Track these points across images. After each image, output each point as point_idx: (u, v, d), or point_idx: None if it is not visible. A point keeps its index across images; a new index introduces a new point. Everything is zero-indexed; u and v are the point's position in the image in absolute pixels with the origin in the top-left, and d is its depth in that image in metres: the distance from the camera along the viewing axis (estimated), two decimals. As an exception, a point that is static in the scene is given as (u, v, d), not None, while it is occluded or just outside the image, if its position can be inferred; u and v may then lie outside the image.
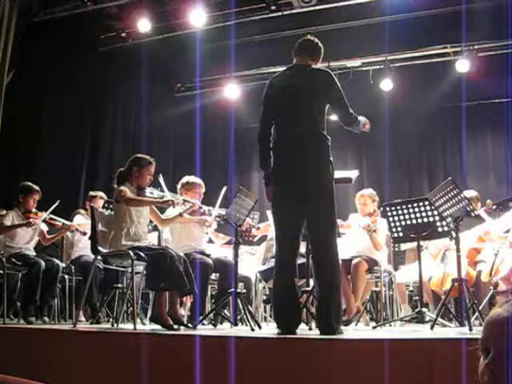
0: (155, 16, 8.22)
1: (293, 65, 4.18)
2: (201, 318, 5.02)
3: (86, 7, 8.10)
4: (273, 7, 8.06)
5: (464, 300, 4.54)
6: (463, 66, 8.42)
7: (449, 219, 4.62)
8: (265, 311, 6.98)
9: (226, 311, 5.53)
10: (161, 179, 4.97)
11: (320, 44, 4.22)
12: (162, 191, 4.92)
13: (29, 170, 8.16)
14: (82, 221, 6.46)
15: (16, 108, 7.63)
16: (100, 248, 4.75)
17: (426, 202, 4.81)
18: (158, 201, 4.84)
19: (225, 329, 5.31)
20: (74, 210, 7.04)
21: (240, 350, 3.11)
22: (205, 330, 4.88)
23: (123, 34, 9.02)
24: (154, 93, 9.24)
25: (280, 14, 8.05)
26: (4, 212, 6.12)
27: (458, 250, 4.55)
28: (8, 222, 5.72)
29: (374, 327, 5.16)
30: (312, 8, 7.74)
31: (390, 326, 5.59)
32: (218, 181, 7.32)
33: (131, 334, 3.96)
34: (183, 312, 5.66)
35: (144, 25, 8.12)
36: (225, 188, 5.51)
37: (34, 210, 5.85)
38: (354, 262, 5.69)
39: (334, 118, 4.39)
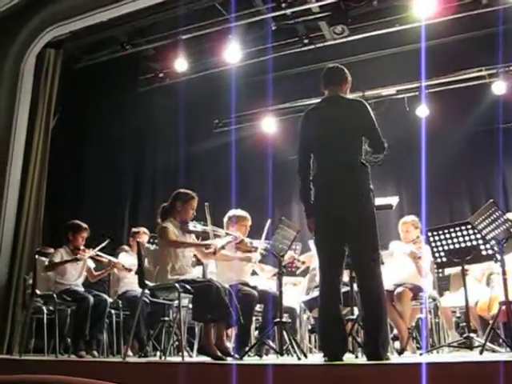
0: (191, 55, 8.42)
1: (325, 97, 4.27)
2: (247, 348, 5.04)
3: (124, 51, 8.39)
4: (305, 40, 8.21)
5: (513, 323, 4.47)
6: (500, 87, 8.39)
7: (492, 242, 4.59)
8: (310, 342, 6.97)
9: (271, 342, 5.53)
10: (207, 210, 5.06)
11: (344, 69, 4.29)
12: (205, 225, 5.01)
13: (73, 208, 8.39)
14: (126, 258, 6.59)
15: (60, 148, 7.88)
16: (147, 282, 4.85)
17: (469, 226, 4.79)
18: (199, 243, 4.96)
19: (271, 359, 5.32)
20: (118, 246, 7.19)
21: (288, 378, 3.14)
22: (251, 360, 4.91)
23: (161, 74, 9.29)
24: (192, 129, 9.42)
25: (313, 46, 8.20)
26: (51, 250, 6.31)
27: (503, 273, 4.52)
28: (57, 259, 5.89)
29: (421, 354, 5.11)
30: (344, 39, 7.84)
31: (438, 352, 5.53)
32: (258, 213, 7.38)
33: (181, 364, 4.02)
34: (229, 344, 5.70)
35: (181, 64, 8.32)
36: (269, 221, 5.56)
37: (82, 247, 6.01)
38: (397, 290, 5.67)
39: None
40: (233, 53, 7.89)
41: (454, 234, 4.88)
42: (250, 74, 8.92)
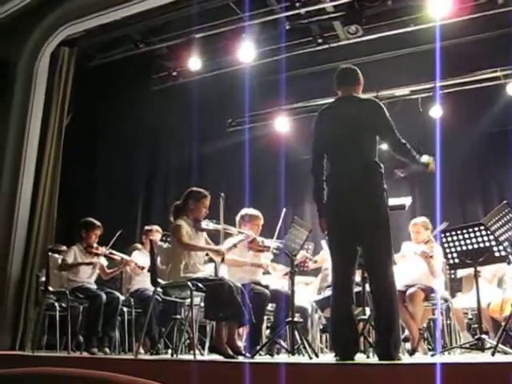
0: (205, 54, 8.43)
1: (339, 97, 4.27)
2: (258, 347, 5.05)
3: (138, 49, 8.41)
4: (319, 40, 8.18)
5: (525, 325, 4.46)
6: (515, 88, 8.34)
7: (505, 243, 4.57)
8: (321, 342, 6.96)
9: (282, 342, 5.54)
10: (221, 205, 5.06)
11: (356, 70, 4.31)
12: (218, 223, 5.02)
13: (87, 206, 8.43)
14: (139, 256, 6.62)
15: (74, 147, 7.91)
16: (159, 280, 4.87)
17: (482, 227, 4.76)
18: (209, 248, 4.95)
19: (282, 358, 5.32)
20: (131, 244, 7.22)
21: (299, 377, 3.15)
22: (263, 359, 4.91)
23: (174, 73, 9.30)
24: (205, 128, 9.45)
25: (327, 46, 8.18)
26: (64, 248, 6.35)
27: (516, 275, 4.50)
28: (70, 258, 5.92)
29: (432, 355, 5.09)
30: (358, 39, 7.82)
31: (449, 353, 5.50)
32: (271, 213, 7.38)
33: (192, 362, 4.03)
34: (240, 343, 5.71)
35: (194, 63, 8.32)
36: (284, 210, 5.53)
37: (95, 245, 6.04)
38: (409, 291, 5.66)
39: (385, 147, 4.43)
40: (246, 52, 7.87)
41: (466, 236, 4.86)
42: (263, 74, 8.92)
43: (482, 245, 4.78)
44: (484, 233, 4.76)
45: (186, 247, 4.80)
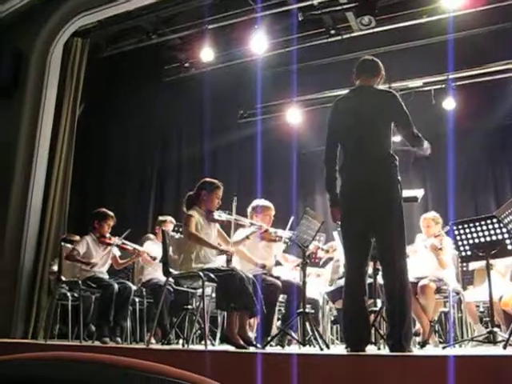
0: (217, 45, 8.40)
1: (356, 86, 4.25)
2: (269, 338, 5.06)
3: (150, 40, 8.41)
4: (332, 31, 8.14)
5: (537, 318, 4.43)
6: (528, 81, 8.28)
7: (518, 236, 4.55)
8: (332, 333, 6.97)
9: (293, 333, 5.54)
10: (234, 203, 5.09)
11: (379, 63, 4.29)
12: (230, 214, 5.04)
13: (98, 197, 8.47)
14: (152, 247, 6.65)
15: (85, 138, 7.94)
16: (171, 270, 4.89)
17: (494, 220, 4.74)
18: (216, 247, 4.95)
19: (293, 349, 5.34)
20: (143, 234, 7.25)
21: (310, 368, 3.16)
22: (274, 350, 4.93)
23: (186, 64, 9.28)
24: (217, 120, 9.45)
25: (339, 37, 8.14)
26: (77, 237, 6.39)
27: (528, 268, 4.48)
28: (82, 249, 5.95)
29: (443, 347, 5.09)
30: (371, 30, 7.77)
31: (460, 346, 5.49)
32: (282, 204, 7.36)
33: (204, 352, 4.06)
34: (251, 334, 5.72)
35: (207, 54, 8.30)
36: (292, 218, 5.57)
37: (107, 235, 6.07)
38: (421, 283, 5.65)
39: (397, 139, 4.41)
40: (259, 43, 7.82)
41: (479, 228, 4.82)
42: (275, 65, 8.89)
43: (494, 237, 4.75)
44: (497, 225, 4.72)
45: (191, 237, 4.80)
